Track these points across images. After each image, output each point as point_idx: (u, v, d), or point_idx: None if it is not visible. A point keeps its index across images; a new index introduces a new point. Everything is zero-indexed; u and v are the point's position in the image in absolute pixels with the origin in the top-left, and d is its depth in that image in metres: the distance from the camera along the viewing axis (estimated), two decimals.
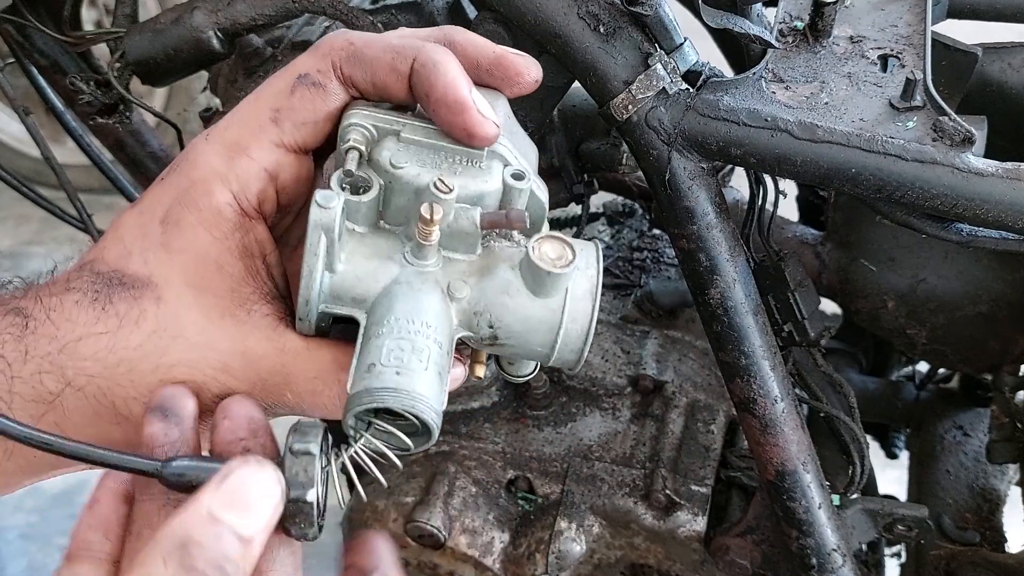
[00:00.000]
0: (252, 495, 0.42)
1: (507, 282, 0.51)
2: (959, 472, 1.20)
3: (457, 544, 1.06)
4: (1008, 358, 1.03)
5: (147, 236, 0.51)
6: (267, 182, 0.52)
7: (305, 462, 0.45)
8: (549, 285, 0.51)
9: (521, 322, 0.52)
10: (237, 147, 0.52)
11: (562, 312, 0.52)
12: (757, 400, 0.80)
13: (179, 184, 0.52)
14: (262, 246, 0.53)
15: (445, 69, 0.51)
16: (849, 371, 1.36)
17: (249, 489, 0.43)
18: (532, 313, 0.52)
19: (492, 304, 0.51)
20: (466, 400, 1.13)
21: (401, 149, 0.52)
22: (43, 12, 0.97)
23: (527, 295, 0.51)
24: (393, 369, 0.46)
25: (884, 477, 1.33)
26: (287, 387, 0.51)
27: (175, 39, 0.80)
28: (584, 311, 0.52)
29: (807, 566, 0.89)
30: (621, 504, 1.04)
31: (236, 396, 0.49)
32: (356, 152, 0.51)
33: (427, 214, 0.49)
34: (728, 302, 0.76)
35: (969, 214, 0.67)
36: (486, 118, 0.51)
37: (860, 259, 1.04)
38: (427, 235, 0.50)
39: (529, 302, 0.51)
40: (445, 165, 0.52)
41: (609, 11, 0.70)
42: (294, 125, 0.52)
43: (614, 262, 1.26)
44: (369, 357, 0.48)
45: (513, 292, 0.51)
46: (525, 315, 0.51)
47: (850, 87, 0.72)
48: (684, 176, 0.72)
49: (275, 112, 0.52)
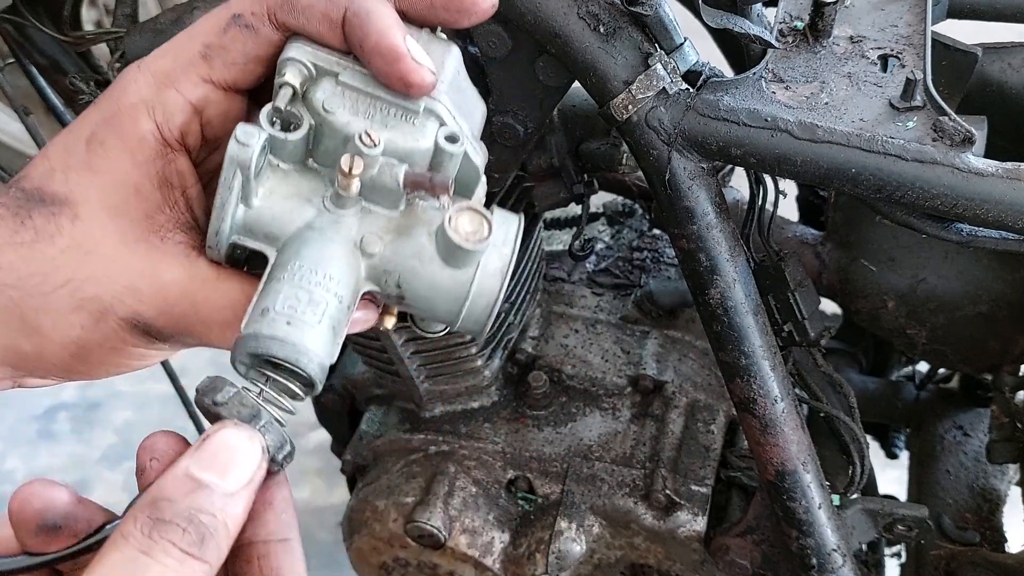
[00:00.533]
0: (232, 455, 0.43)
1: (421, 247, 0.51)
2: (959, 472, 1.20)
3: (457, 544, 1.06)
4: (1008, 358, 1.03)
5: (71, 155, 0.52)
6: (191, 115, 0.53)
7: (236, 400, 0.45)
8: (460, 258, 0.51)
9: (428, 288, 0.51)
10: (166, 78, 0.52)
11: (470, 285, 0.52)
12: (757, 400, 0.80)
13: (107, 108, 0.53)
14: (182, 177, 0.53)
15: (378, 17, 0.50)
16: (849, 371, 1.37)
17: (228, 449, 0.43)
18: (440, 282, 0.51)
19: (403, 266, 0.51)
20: (466, 400, 1.13)
21: (336, 93, 0.51)
22: (43, 12, 0.97)
23: (439, 263, 0.51)
24: (285, 318, 0.47)
25: (884, 477, 1.33)
26: (195, 315, 0.52)
27: None
28: (492, 287, 0.52)
29: (807, 566, 0.89)
30: (621, 504, 1.04)
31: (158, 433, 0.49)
32: (290, 89, 0.50)
33: (346, 166, 0.48)
34: (728, 302, 0.77)
35: (969, 214, 0.67)
36: (421, 65, 0.50)
37: (860, 259, 1.04)
38: (346, 187, 0.49)
39: (439, 270, 0.51)
40: (378, 116, 0.51)
41: (609, 11, 0.70)
42: (224, 63, 0.52)
43: (614, 262, 1.26)
44: (266, 301, 0.48)
45: (425, 258, 0.51)
46: (433, 282, 0.51)
47: (850, 87, 0.72)
48: (684, 176, 0.72)
49: (206, 48, 0.52)
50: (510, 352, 1.14)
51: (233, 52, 0.52)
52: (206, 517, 0.41)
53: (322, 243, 0.50)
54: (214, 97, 0.53)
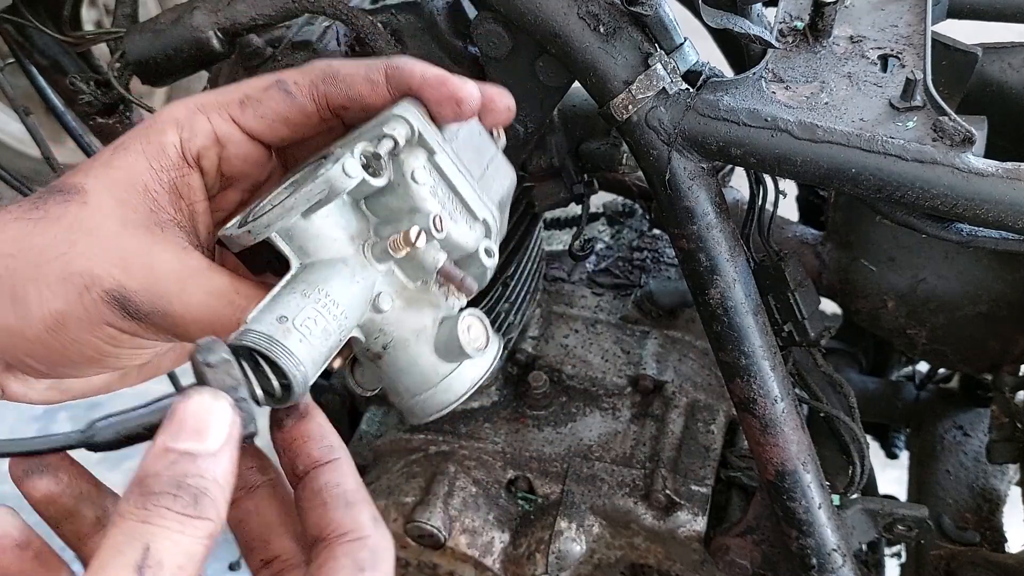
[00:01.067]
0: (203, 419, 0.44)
1: (423, 326, 0.55)
2: (959, 472, 1.20)
3: (457, 544, 1.06)
4: (1008, 358, 1.03)
5: (98, 157, 0.57)
6: (213, 142, 0.58)
7: (225, 368, 0.46)
8: (452, 354, 0.55)
9: (408, 363, 0.55)
10: (201, 107, 0.58)
11: (444, 379, 0.55)
12: (757, 400, 0.80)
13: (144, 123, 0.58)
14: (192, 192, 0.58)
15: (417, 62, 0.57)
16: (849, 371, 1.37)
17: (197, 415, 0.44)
18: (422, 363, 0.55)
19: (398, 335, 0.54)
20: (466, 400, 1.12)
21: (426, 169, 0.54)
22: (43, 12, 0.97)
23: (430, 348, 0.55)
24: (299, 335, 0.49)
25: (884, 477, 1.33)
26: (181, 295, 0.54)
27: (175, 39, 0.80)
28: (458, 389, 0.56)
29: (807, 566, 0.89)
30: (621, 504, 1.04)
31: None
32: (391, 142, 0.53)
33: (412, 237, 0.52)
34: (728, 302, 0.77)
35: (969, 214, 0.67)
36: (466, 82, 0.56)
37: (860, 259, 1.04)
38: (397, 249, 0.52)
39: (428, 354, 0.55)
40: (448, 206, 0.55)
41: (609, 11, 0.70)
42: (255, 114, 0.58)
43: (614, 262, 1.26)
44: (286, 309, 0.50)
45: (422, 338, 0.55)
46: (416, 360, 0.55)
47: (850, 87, 0.72)
48: (684, 176, 0.72)
49: (245, 96, 0.58)
50: (510, 352, 1.14)
51: (266, 107, 0.58)
52: (193, 479, 0.43)
53: (351, 282, 0.53)
54: (238, 138, 0.58)
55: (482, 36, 0.77)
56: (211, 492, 0.43)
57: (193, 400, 0.45)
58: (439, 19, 0.87)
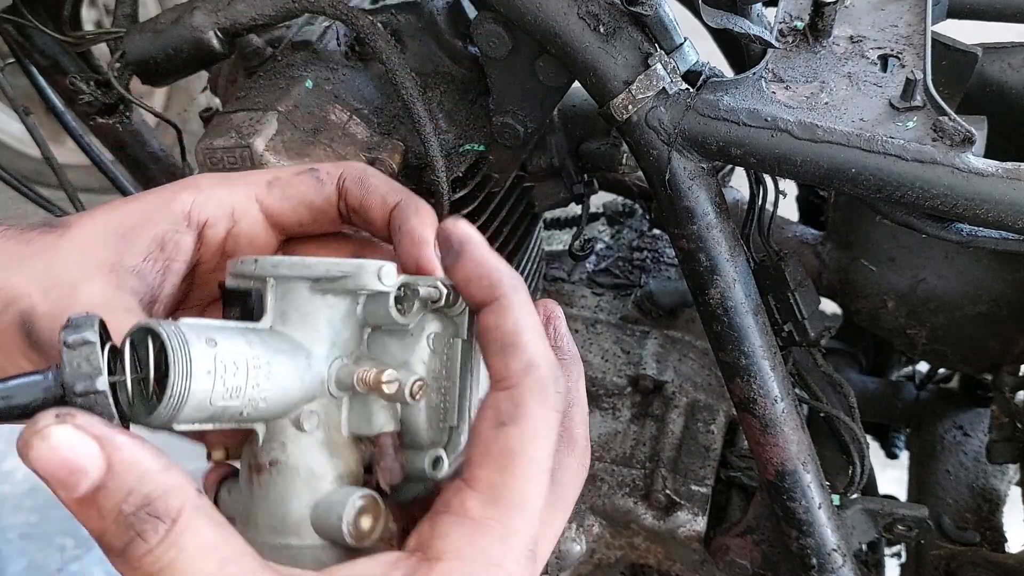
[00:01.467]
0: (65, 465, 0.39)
1: (321, 475, 0.49)
2: (959, 472, 1.20)
3: None
4: (1008, 358, 1.03)
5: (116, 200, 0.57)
6: (226, 215, 0.57)
7: (86, 352, 0.41)
8: (326, 524, 0.48)
9: (281, 497, 0.49)
10: (227, 181, 0.58)
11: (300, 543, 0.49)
12: (757, 400, 0.80)
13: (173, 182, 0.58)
14: (177, 251, 0.56)
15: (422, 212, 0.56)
16: (849, 371, 1.37)
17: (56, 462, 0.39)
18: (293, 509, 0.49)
19: (294, 463, 0.49)
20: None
21: (445, 341, 0.52)
22: (43, 12, 0.97)
23: (310, 500, 0.49)
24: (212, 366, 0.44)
25: (884, 477, 1.33)
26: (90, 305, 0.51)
27: (175, 39, 0.80)
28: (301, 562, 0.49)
29: (807, 566, 0.89)
30: (621, 504, 1.04)
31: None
32: (438, 294, 0.51)
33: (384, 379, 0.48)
34: (728, 302, 0.76)
35: (969, 214, 0.67)
36: (436, 259, 0.54)
37: (860, 259, 1.04)
38: (362, 383, 0.49)
39: (303, 504, 0.49)
40: (435, 391, 0.52)
41: (609, 11, 0.70)
42: (281, 195, 0.58)
43: (614, 262, 1.26)
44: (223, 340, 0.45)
45: (310, 486, 0.49)
46: (288, 500, 0.49)
47: (850, 87, 0.72)
48: (684, 176, 0.72)
49: (275, 178, 0.58)
50: None
51: (293, 189, 0.58)
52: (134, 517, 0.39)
53: (296, 378, 0.48)
54: (252, 217, 0.58)
55: (482, 36, 0.77)
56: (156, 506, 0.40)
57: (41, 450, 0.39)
58: (439, 19, 0.87)
